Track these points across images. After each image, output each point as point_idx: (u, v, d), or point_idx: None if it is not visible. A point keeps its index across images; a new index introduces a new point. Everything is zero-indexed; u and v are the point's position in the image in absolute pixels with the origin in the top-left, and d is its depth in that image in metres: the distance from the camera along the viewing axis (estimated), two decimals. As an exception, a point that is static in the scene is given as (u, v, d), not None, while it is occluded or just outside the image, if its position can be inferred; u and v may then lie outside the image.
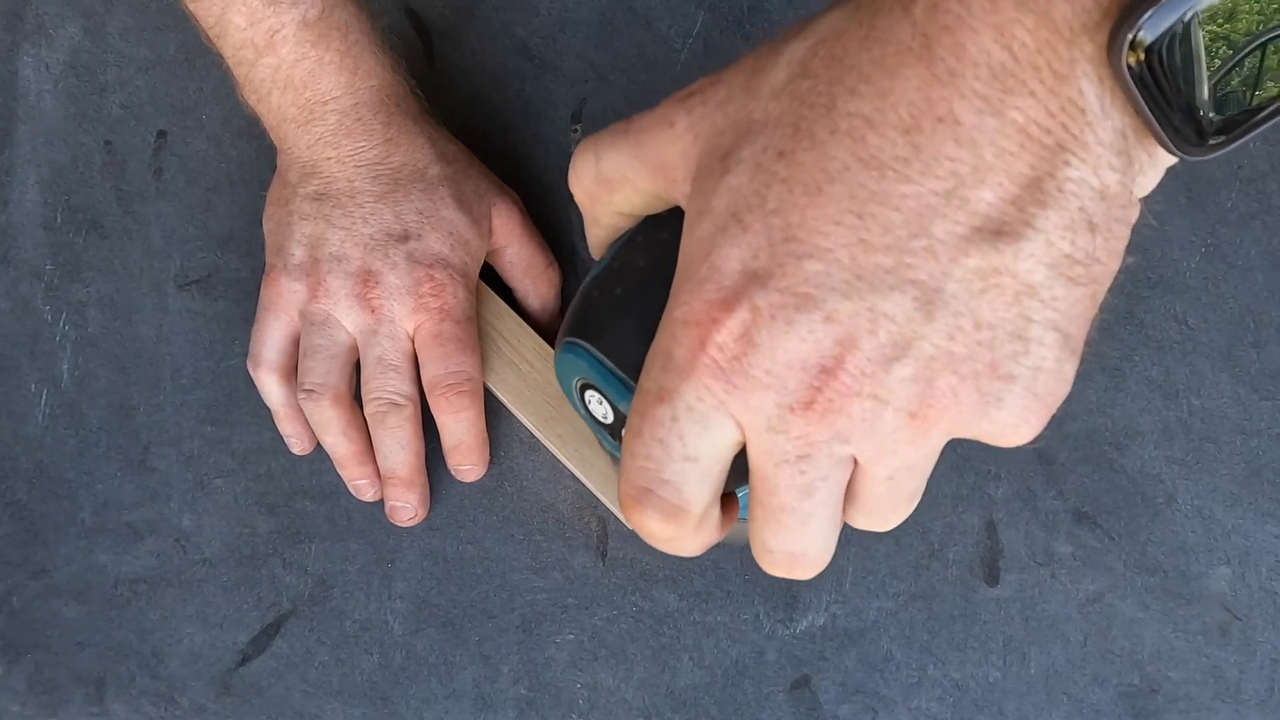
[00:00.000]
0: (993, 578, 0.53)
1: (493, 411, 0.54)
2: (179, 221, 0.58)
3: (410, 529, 0.54)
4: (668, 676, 0.53)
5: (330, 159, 0.50)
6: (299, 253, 0.51)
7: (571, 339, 0.34)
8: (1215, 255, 0.55)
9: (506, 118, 0.58)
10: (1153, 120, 0.24)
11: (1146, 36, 0.23)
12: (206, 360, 0.57)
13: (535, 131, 0.58)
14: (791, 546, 0.30)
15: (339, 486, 0.55)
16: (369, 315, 0.51)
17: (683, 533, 0.30)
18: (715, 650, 0.53)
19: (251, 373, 0.54)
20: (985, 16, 0.24)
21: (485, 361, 0.53)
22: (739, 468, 0.29)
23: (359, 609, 0.54)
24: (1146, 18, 0.23)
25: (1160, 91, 0.24)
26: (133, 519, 0.55)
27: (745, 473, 0.29)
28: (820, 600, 0.53)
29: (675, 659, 0.53)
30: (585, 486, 0.53)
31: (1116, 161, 0.25)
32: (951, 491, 0.53)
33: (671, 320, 0.28)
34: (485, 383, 0.54)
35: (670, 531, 0.30)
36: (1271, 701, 0.52)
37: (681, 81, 0.31)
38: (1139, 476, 0.53)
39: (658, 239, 0.33)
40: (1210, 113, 0.25)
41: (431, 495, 0.54)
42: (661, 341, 0.28)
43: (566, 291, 0.57)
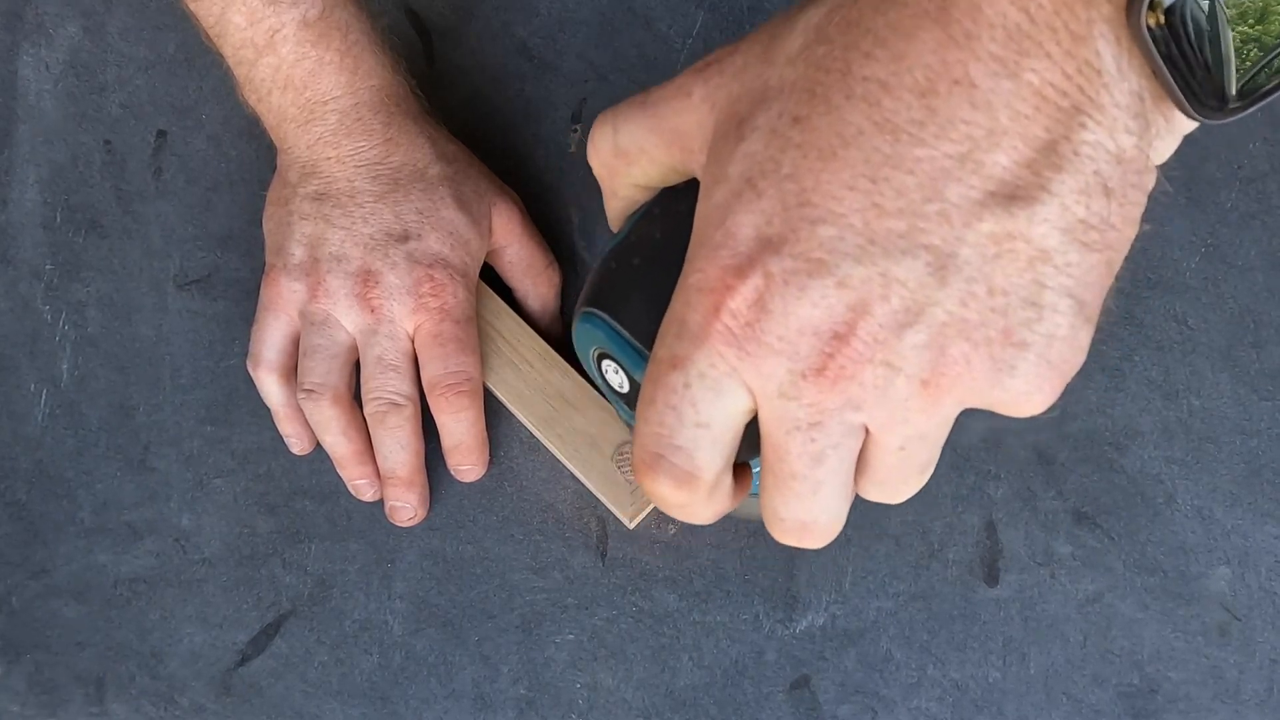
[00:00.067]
0: (992, 578, 0.53)
1: (493, 411, 0.54)
2: (179, 221, 0.58)
3: (410, 529, 0.54)
4: (667, 676, 0.53)
5: (330, 159, 0.50)
6: (299, 252, 0.51)
7: (589, 309, 0.34)
8: (1215, 255, 0.55)
9: (506, 118, 0.58)
10: (1171, 82, 0.24)
11: None
12: (206, 360, 0.57)
13: (535, 131, 0.58)
14: (802, 514, 0.30)
15: (339, 486, 0.55)
16: (369, 315, 0.51)
17: (695, 499, 0.30)
18: (715, 650, 0.53)
19: (251, 372, 0.54)
20: None
21: (485, 361, 0.53)
22: (753, 437, 0.29)
23: (359, 609, 0.54)
24: None
25: (1180, 53, 0.24)
26: (132, 519, 0.55)
27: (759, 443, 0.29)
28: (820, 600, 0.53)
29: (675, 659, 0.53)
30: (585, 486, 0.53)
31: (1133, 125, 0.25)
32: (951, 491, 0.53)
33: (686, 287, 0.28)
34: (485, 383, 0.54)
35: (682, 497, 0.30)
36: (1271, 702, 0.52)
37: (682, 81, 0.31)
38: (1139, 477, 0.53)
39: (675, 211, 0.33)
40: (1234, 103, 0.24)
41: (431, 495, 0.54)
42: (676, 308, 0.28)
43: (566, 291, 0.57)
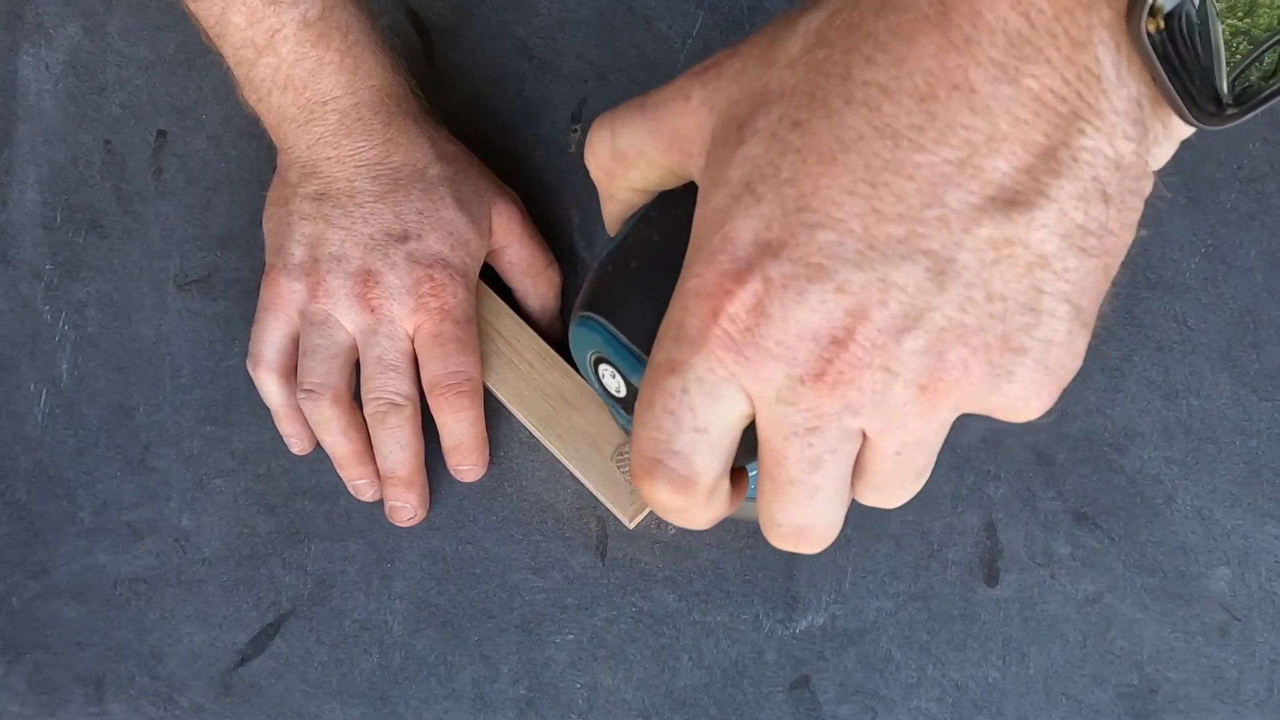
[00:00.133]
0: (992, 578, 0.53)
1: (492, 411, 0.54)
2: (179, 221, 0.58)
3: (410, 529, 0.54)
4: (667, 677, 0.53)
5: (330, 159, 0.50)
6: (299, 252, 0.51)
7: (586, 313, 0.34)
8: (1215, 256, 0.55)
9: (506, 118, 0.58)
10: (1170, 88, 0.24)
11: (1166, 3, 0.23)
12: (206, 360, 0.57)
13: (535, 131, 0.58)
14: (799, 520, 0.30)
15: (338, 486, 0.55)
16: (369, 315, 0.51)
17: (692, 504, 0.30)
18: (715, 650, 0.53)
19: (251, 372, 0.54)
20: None
21: (485, 361, 0.53)
22: (750, 442, 0.29)
23: (358, 609, 0.54)
24: None
25: (1179, 59, 0.24)
26: (132, 519, 0.55)
27: (755, 447, 0.29)
28: (820, 600, 0.53)
29: (675, 659, 0.53)
30: (585, 486, 0.53)
31: (1132, 131, 0.25)
32: (951, 492, 0.53)
33: (684, 291, 0.28)
34: (485, 383, 0.54)
35: (680, 502, 0.30)
36: (1270, 702, 0.52)
37: (681, 81, 0.31)
38: (1138, 477, 0.53)
39: (673, 214, 0.33)
40: (1227, 100, 0.24)
41: (431, 495, 0.54)
42: (674, 313, 0.28)
43: (566, 291, 0.57)
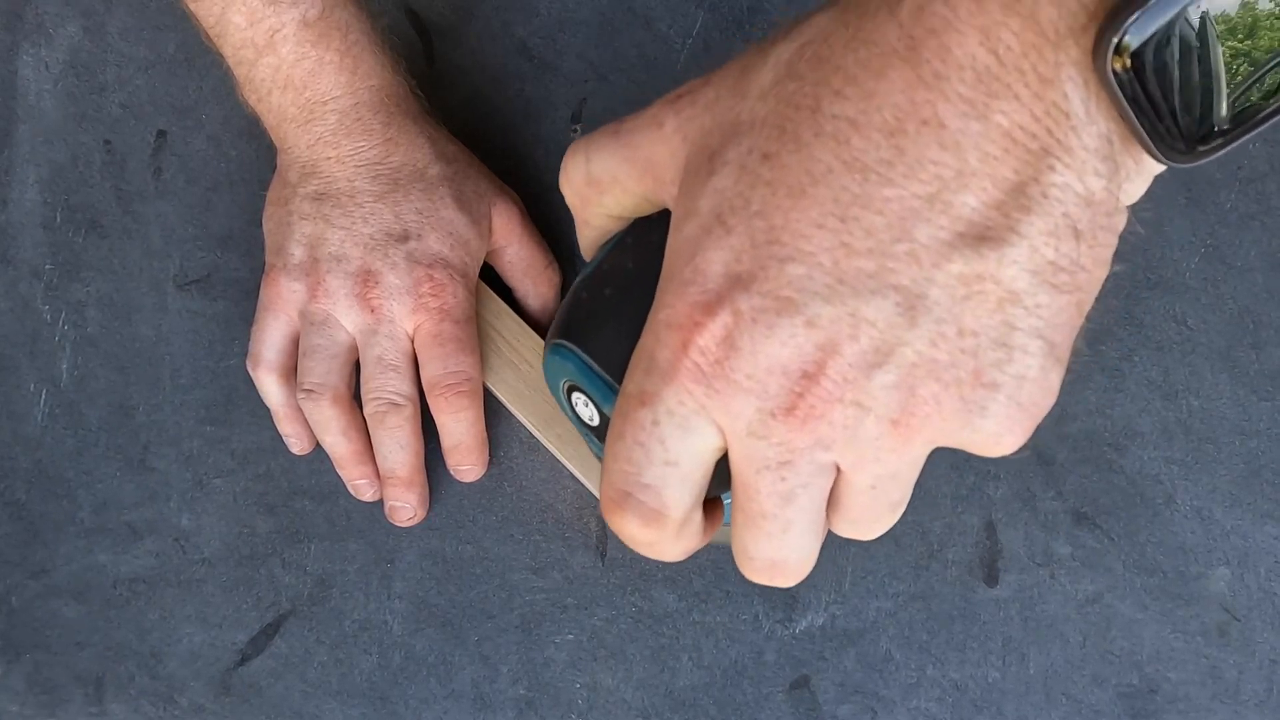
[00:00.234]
0: (992, 578, 0.53)
1: (492, 411, 0.54)
2: (178, 221, 0.58)
3: (409, 529, 0.54)
4: (667, 677, 0.53)
5: (330, 159, 0.50)
6: (299, 252, 0.51)
7: (558, 340, 0.34)
8: (1214, 256, 0.55)
9: (506, 118, 0.58)
10: (1138, 126, 0.24)
11: (1132, 41, 0.23)
12: (206, 360, 0.57)
13: (535, 131, 0.58)
14: (772, 554, 0.29)
15: (338, 486, 0.55)
16: (368, 315, 0.51)
17: (662, 537, 0.30)
18: (714, 650, 0.53)
19: (251, 372, 0.54)
20: (971, 19, 0.24)
21: (485, 361, 0.53)
22: (724, 473, 0.29)
23: (358, 609, 0.54)
24: (1131, 22, 0.23)
25: (1147, 97, 0.24)
26: (132, 519, 0.55)
27: (729, 478, 0.29)
28: (819, 600, 0.53)
29: (674, 659, 0.53)
30: (584, 486, 0.53)
31: (1102, 167, 0.25)
32: (951, 492, 0.53)
33: (655, 322, 0.28)
34: (485, 383, 0.54)
35: (650, 536, 0.30)
36: (1270, 702, 0.52)
37: (681, 81, 0.31)
38: (1138, 477, 0.53)
39: (647, 241, 0.33)
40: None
41: (431, 495, 0.54)
42: (645, 343, 0.28)
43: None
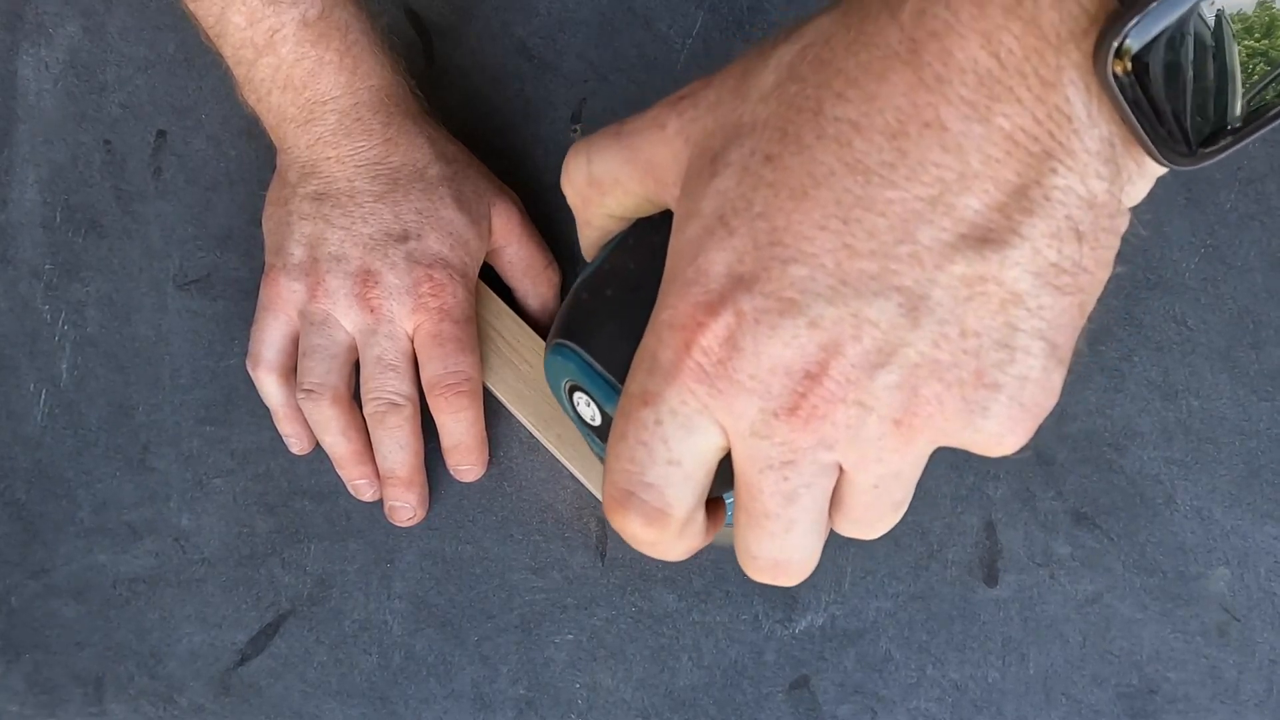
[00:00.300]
0: (992, 578, 0.53)
1: (492, 411, 0.54)
2: (178, 221, 0.58)
3: (409, 529, 0.54)
4: (666, 677, 0.53)
5: (330, 159, 0.50)
6: (298, 252, 0.51)
7: (560, 340, 0.34)
8: (1214, 256, 0.55)
9: (506, 118, 0.58)
10: (1139, 129, 0.24)
11: (1133, 45, 0.23)
12: (205, 360, 0.57)
13: (535, 131, 0.58)
14: (775, 553, 0.30)
15: (338, 486, 0.55)
16: (368, 315, 0.51)
17: (665, 537, 0.30)
18: (714, 650, 0.53)
19: (251, 372, 0.54)
20: (972, 23, 0.24)
21: (484, 361, 0.53)
22: (727, 472, 0.29)
23: (358, 609, 0.54)
24: (1132, 26, 0.23)
25: (1149, 100, 0.24)
26: (131, 519, 0.55)
27: (732, 478, 0.29)
28: (819, 601, 0.53)
29: (674, 659, 0.53)
30: (584, 487, 0.53)
31: (1104, 170, 0.25)
32: (950, 492, 0.53)
33: (658, 323, 0.28)
34: (484, 383, 0.54)
35: (652, 535, 0.30)
36: (1270, 702, 0.52)
37: (681, 81, 0.31)
38: (1138, 477, 0.53)
39: (649, 242, 0.33)
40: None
41: (430, 495, 0.54)
42: (648, 344, 0.28)
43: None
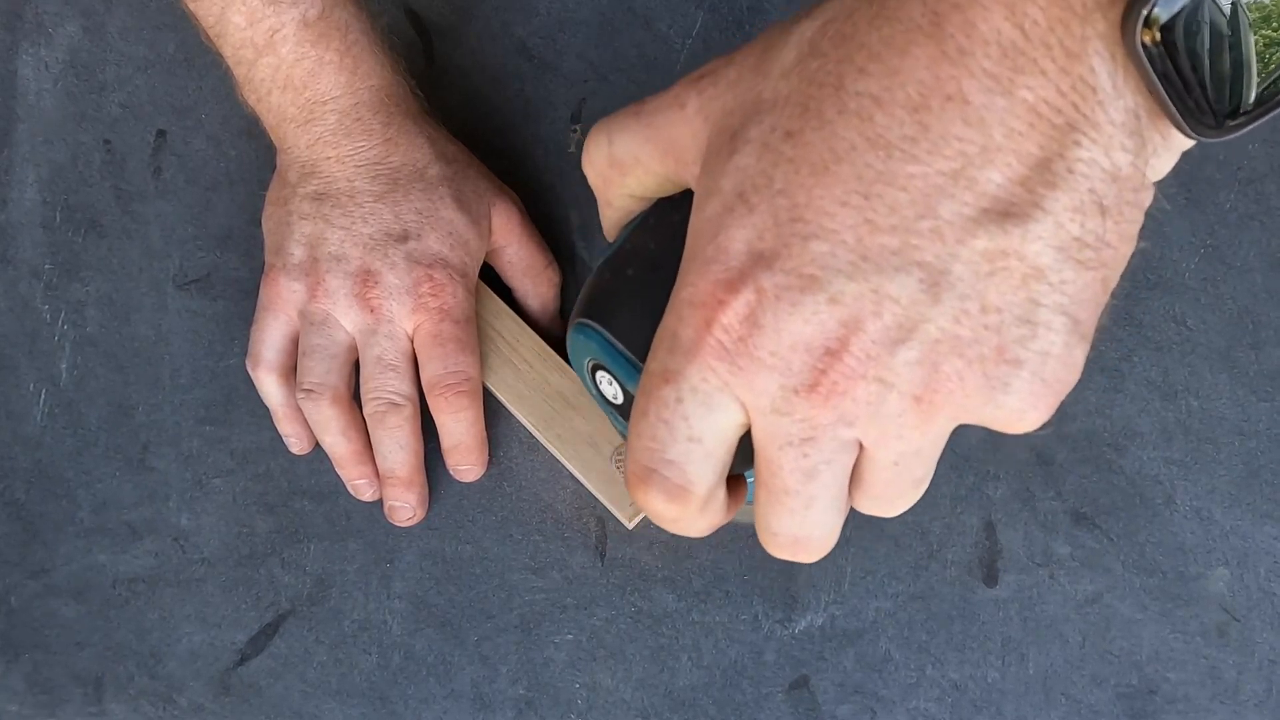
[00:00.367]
0: (991, 578, 0.53)
1: (492, 411, 0.54)
2: (178, 221, 0.58)
3: (409, 529, 0.54)
4: (666, 677, 0.53)
5: (330, 159, 0.50)
6: (298, 252, 0.51)
7: (582, 320, 0.34)
8: (1214, 256, 0.55)
9: (506, 118, 0.58)
10: (1167, 100, 0.24)
11: (1162, 14, 0.23)
12: (205, 360, 0.57)
13: (535, 131, 0.58)
14: (795, 530, 0.30)
15: (338, 486, 0.55)
16: (368, 315, 0.51)
17: (687, 513, 0.30)
18: (714, 650, 0.53)
19: (250, 372, 0.54)
20: None
21: (485, 361, 0.53)
22: (747, 450, 0.29)
23: (357, 609, 0.54)
24: None
25: (1176, 70, 0.24)
26: (131, 518, 0.55)
27: (752, 455, 0.29)
28: (819, 601, 0.53)
29: (674, 659, 0.53)
30: (584, 486, 0.53)
31: (1129, 142, 0.25)
32: (950, 492, 0.53)
33: (678, 301, 0.28)
34: (484, 383, 0.54)
35: (675, 511, 0.30)
36: (1269, 702, 0.52)
37: (681, 82, 0.31)
38: (1137, 477, 0.53)
39: (669, 221, 0.33)
40: (1251, 111, 0.24)
41: (430, 495, 0.54)
42: (668, 322, 0.28)
43: (566, 291, 0.57)
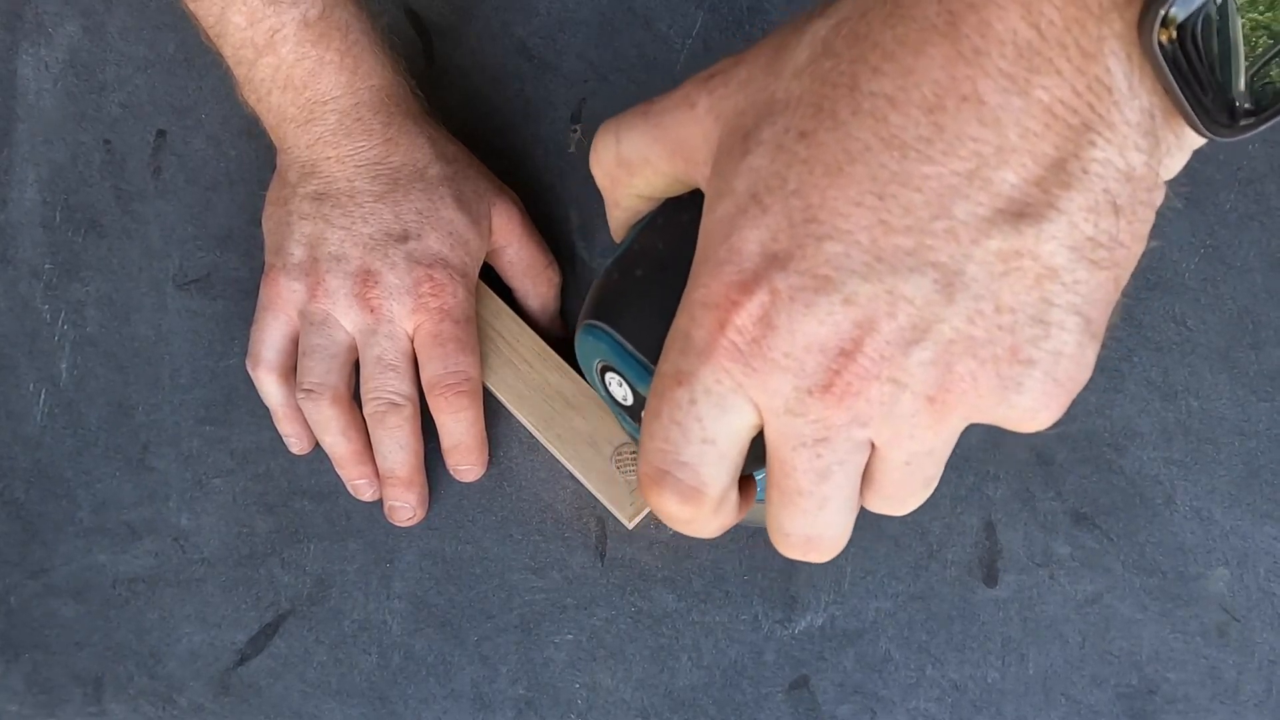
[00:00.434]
0: (991, 578, 0.53)
1: (492, 411, 0.54)
2: (178, 221, 0.58)
3: (409, 529, 0.54)
4: (666, 677, 0.53)
5: (330, 159, 0.50)
6: (298, 252, 0.51)
7: (591, 321, 0.34)
8: (1214, 256, 0.55)
9: (506, 118, 0.58)
10: (1183, 100, 0.24)
11: (1179, 13, 0.23)
12: (205, 360, 0.57)
13: (535, 131, 0.58)
14: (807, 530, 0.30)
15: (337, 486, 0.55)
16: (368, 315, 0.51)
17: (700, 514, 0.30)
18: (714, 650, 0.53)
19: (250, 372, 0.54)
20: None
21: (485, 361, 0.53)
22: (757, 450, 0.29)
23: (357, 609, 0.54)
24: None
25: (1191, 70, 0.24)
26: (131, 518, 0.55)
27: (763, 455, 0.29)
28: (819, 601, 0.53)
29: (674, 659, 0.53)
30: (584, 487, 0.53)
31: (1143, 142, 0.25)
32: (950, 492, 0.53)
33: (690, 302, 0.28)
34: (485, 383, 0.54)
35: (688, 513, 0.30)
36: (1269, 702, 0.52)
37: (681, 81, 0.31)
38: (1137, 477, 0.53)
39: (678, 221, 0.33)
40: (1245, 102, 0.24)
41: (430, 495, 0.54)
42: (680, 323, 0.28)
43: (566, 291, 0.57)
